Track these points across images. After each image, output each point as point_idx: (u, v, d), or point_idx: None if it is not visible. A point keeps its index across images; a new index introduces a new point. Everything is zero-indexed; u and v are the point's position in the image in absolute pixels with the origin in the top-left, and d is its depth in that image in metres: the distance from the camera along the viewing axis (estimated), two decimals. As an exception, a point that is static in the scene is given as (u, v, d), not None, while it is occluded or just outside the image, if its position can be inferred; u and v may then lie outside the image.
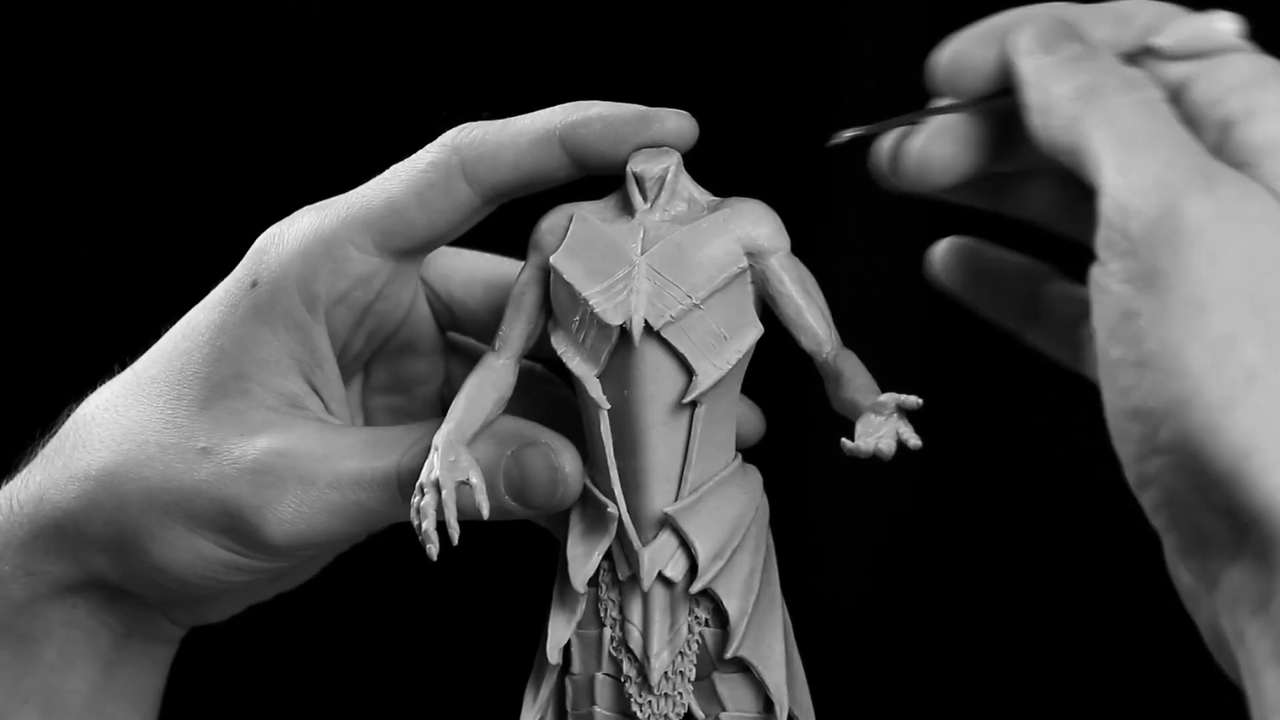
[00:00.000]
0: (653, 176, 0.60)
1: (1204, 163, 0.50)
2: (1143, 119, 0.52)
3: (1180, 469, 0.49)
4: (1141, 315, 0.49)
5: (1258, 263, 0.49)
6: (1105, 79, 0.53)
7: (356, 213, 0.61)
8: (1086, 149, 0.52)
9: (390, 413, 0.67)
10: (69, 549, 0.63)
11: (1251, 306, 0.49)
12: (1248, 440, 0.48)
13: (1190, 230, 0.49)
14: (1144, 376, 0.49)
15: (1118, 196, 0.50)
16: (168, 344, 0.63)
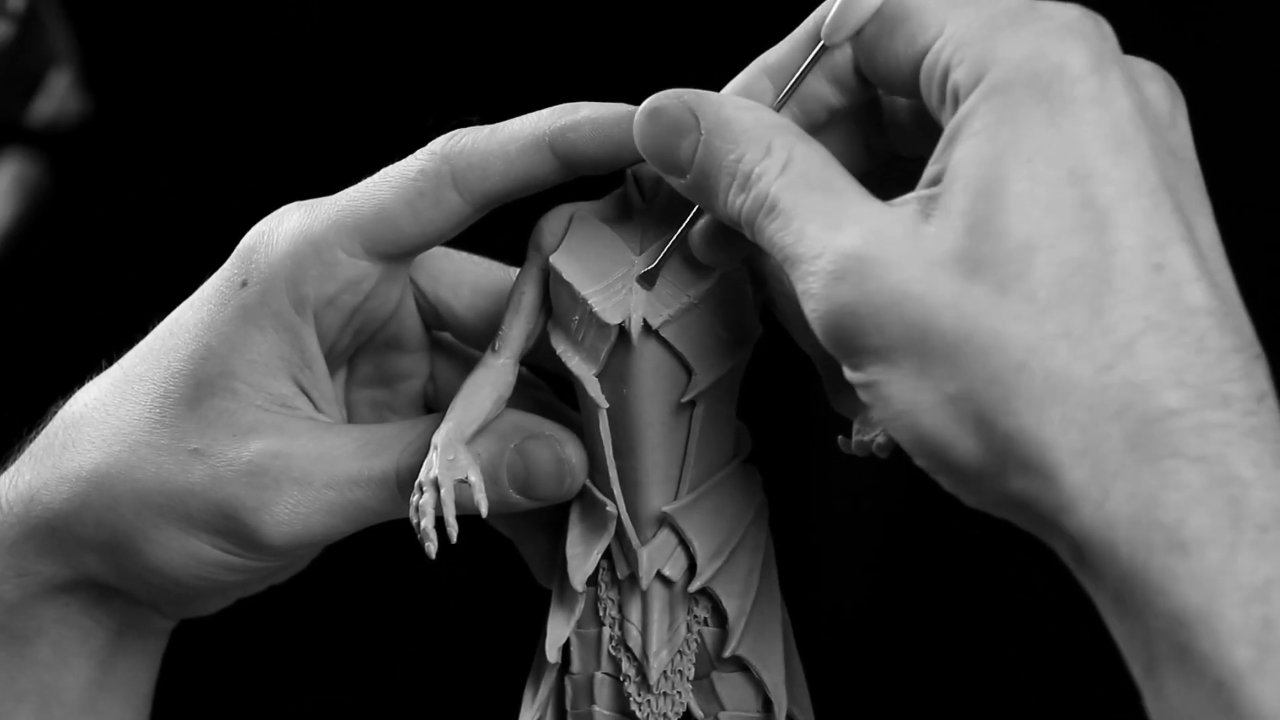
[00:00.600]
0: (652, 176, 0.60)
1: (835, 223, 0.51)
2: (790, 202, 0.52)
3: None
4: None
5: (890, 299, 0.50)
6: (738, 182, 0.53)
7: (346, 217, 0.61)
8: (775, 256, 0.53)
9: (373, 407, 0.66)
10: (61, 550, 0.63)
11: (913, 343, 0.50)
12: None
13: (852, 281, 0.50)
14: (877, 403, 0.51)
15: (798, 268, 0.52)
16: (155, 340, 0.63)
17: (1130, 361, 0.47)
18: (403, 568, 0.96)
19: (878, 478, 0.97)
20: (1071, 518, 0.48)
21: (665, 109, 0.55)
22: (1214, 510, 0.46)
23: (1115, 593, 0.47)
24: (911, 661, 1.00)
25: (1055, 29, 0.50)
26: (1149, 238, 0.48)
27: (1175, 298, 0.48)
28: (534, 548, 0.64)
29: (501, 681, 0.67)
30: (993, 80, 0.50)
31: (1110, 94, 0.50)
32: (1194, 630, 0.46)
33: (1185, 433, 0.47)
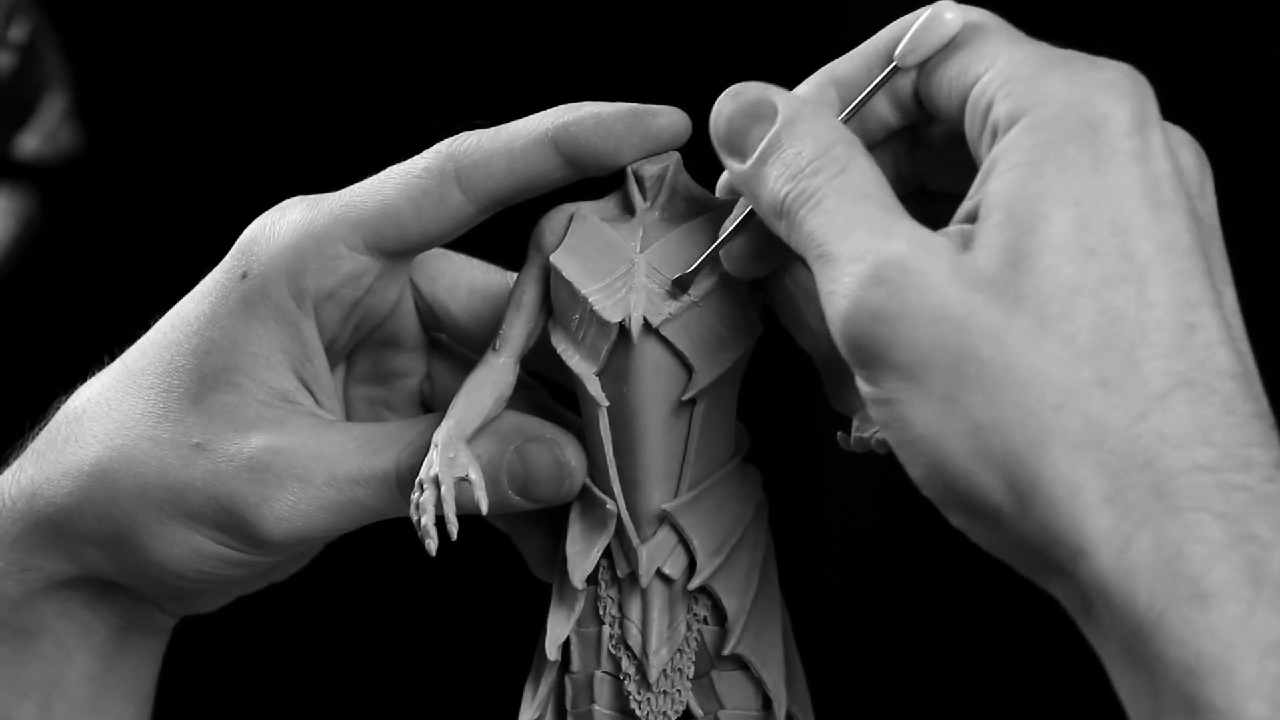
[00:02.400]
0: (652, 175, 0.60)
1: (881, 238, 0.51)
2: (838, 203, 0.52)
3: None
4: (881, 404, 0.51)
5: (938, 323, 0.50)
6: (791, 172, 0.54)
7: (349, 212, 0.61)
8: (808, 252, 0.53)
9: (370, 404, 0.67)
10: (63, 545, 0.63)
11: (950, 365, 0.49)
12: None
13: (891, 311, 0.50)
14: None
15: (831, 291, 0.52)
16: (156, 335, 0.63)
17: (1162, 414, 0.48)
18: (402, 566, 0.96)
19: (878, 477, 0.97)
20: (1089, 562, 0.48)
21: (749, 94, 0.56)
22: (1235, 566, 0.46)
23: (1125, 643, 0.47)
24: (911, 660, 1.00)
25: (1105, 81, 0.51)
26: (1183, 298, 0.49)
27: (1206, 358, 0.48)
28: (532, 544, 0.64)
29: (501, 679, 0.67)
30: (1037, 117, 0.50)
31: (1152, 154, 0.50)
32: (1207, 682, 0.46)
33: (1210, 489, 0.47)
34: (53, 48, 1.10)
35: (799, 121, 0.54)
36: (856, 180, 0.53)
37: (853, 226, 0.51)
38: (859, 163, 0.53)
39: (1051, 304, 0.49)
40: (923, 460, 0.50)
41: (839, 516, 0.98)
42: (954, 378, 0.49)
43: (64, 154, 1.10)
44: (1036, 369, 0.48)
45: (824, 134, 0.54)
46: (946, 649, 1.00)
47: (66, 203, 1.10)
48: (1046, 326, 0.49)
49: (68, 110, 1.10)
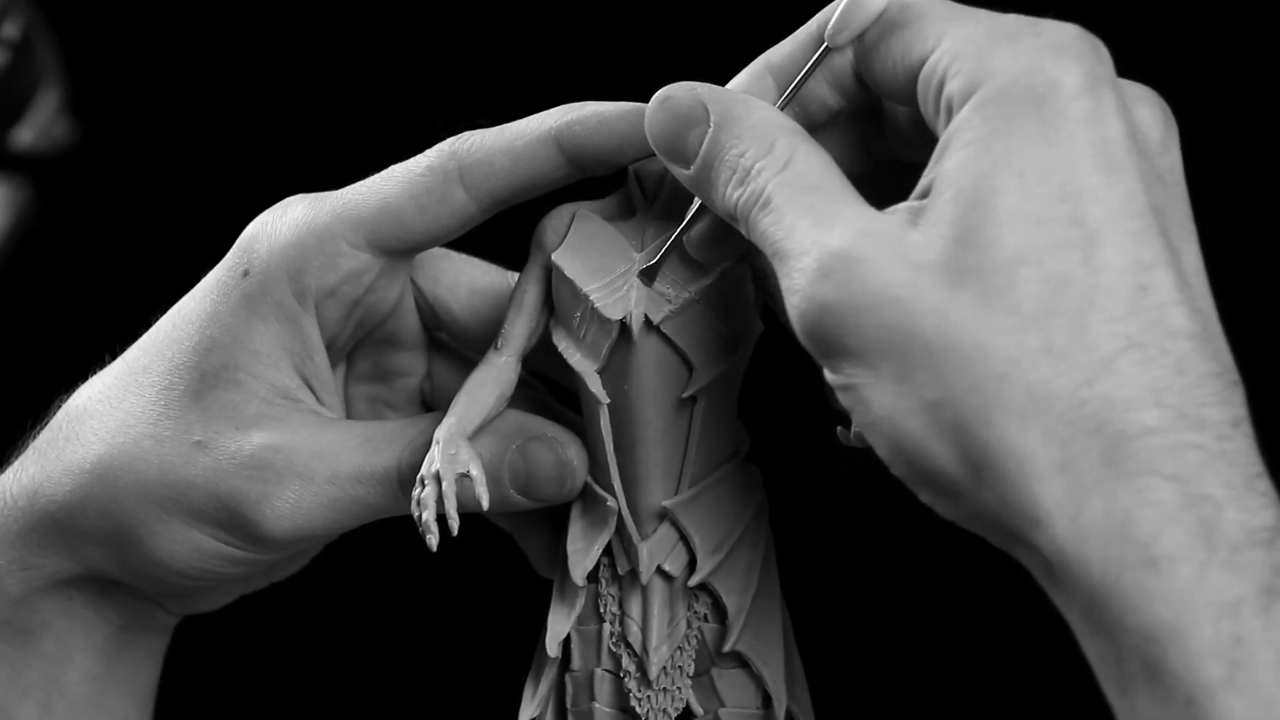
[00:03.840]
0: (654, 175, 0.60)
1: (824, 225, 0.51)
2: (785, 199, 0.52)
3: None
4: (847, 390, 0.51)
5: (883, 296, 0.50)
6: (738, 176, 0.54)
7: (351, 210, 0.61)
8: (766, 251, 0.53)
9: (370, 402, 0.67)
10: (65, 543, 0.63)
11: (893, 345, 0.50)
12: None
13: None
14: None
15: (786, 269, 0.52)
16: (158, 333, 0.63)
17: (1110, 379, 0.48)
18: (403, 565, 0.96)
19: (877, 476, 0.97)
20: (1045, 532, 0.48)
21: (677, 99, 0.56)
22: (1187, 528, 0.46)
23: (1085, 609, 0.47)
24: (911, 659, 1.00)
25: (1052, 46, 0.51)
26: (1135, 259, 0.49)
27: (1158, 319, 0.48)
28: (534, 542, 0.64)
29: (502, 677, 0.67)
30: (987, 93, 0.50)
31: (1103, 115, 0.50)
32: (1165, 647, 0.46)
33: (1161, 451, 0.47)
34: (47, 42, 1.10)
35: (733, 120, 0.55)
36: (801, 170, 0.53)
37: (797, 221, 0.52)
38: (801, 152, 0.53)
39: (996, 276, 0.49)
40: (884, 440, 0.51)
41: (839, 516, 0.99)
42: (903, 358, 0.50)
43: (58, 149, 1.10)
44: (980, 341, 0.49)
45: (762, 129, 0.54)
46: (946, 648, 1.00)
47: (61, 198, 1.10)
48: (990, 298, 0.49)
49: (62, 105, 1.10)
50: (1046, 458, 0.48)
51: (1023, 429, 0.48)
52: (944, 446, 0.49)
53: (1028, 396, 0.48)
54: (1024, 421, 0.48)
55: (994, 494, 0.49)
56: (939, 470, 0.50)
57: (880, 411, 0.50)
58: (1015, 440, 0.48)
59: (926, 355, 0.49)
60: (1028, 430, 0.48)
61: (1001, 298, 0.49)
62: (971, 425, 0.49)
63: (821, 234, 0.51)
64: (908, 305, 0.49)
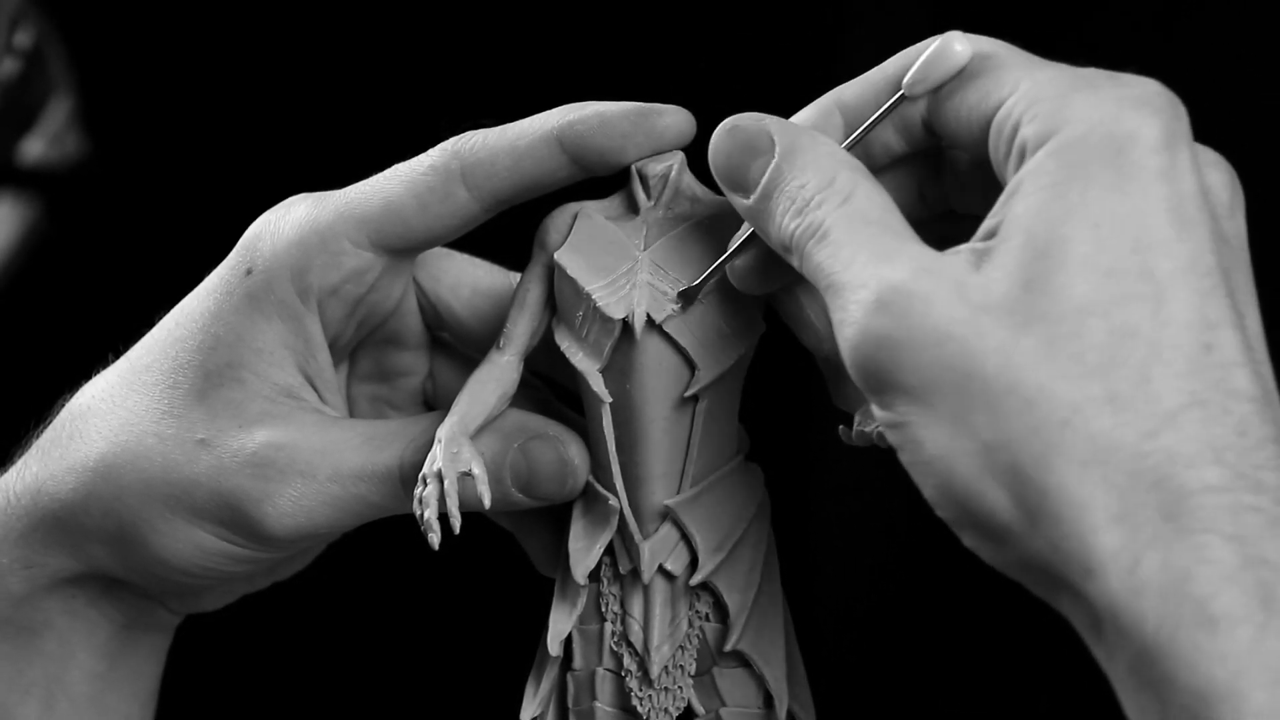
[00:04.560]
0: (656, 174, 0.60)
1: (885, 262, 0.51)
2: (843, 233, 0.52)
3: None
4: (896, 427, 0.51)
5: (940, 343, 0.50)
6: (796, 206, 0.54)
7: (354, 209, 0.61)
8: (818, 283, 0.53)
9: (372, 401, 0.67)
10: (68, 541, 0.63)
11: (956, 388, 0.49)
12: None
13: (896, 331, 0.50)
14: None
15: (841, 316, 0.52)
16: (161, 332, 0.63)
17: (1173, 433, 0.47)
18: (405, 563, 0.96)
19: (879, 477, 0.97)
20: (1098, 582, 0.47)
21: (744, 128, 0.56)
22: (1246, 590, 0.46)
23: (1133, 664, 0.47)
24: (912, 659, 1.00)
25: (1133, 98, 0.50)
26: (1202, 317, 0.49)
27: (1221, 379, 0.48)
28: (536, 541, 0.64)
29: (503, 676, 0.67)
30: (1063, 139, 0.50)
31: (1179, 171, 0.50)
32: (1217, 708, 0.45)
33: (1221, 510, 0.47)
34: (58, 53, 1.11)
35: (798, 152, 0.55)
36: (862, 207, 0.53)
37: (856, 253, 0.51)
38: (863, 189, 0.53)
39: (1063, 323, 0.48)
40: (935, 481, 0.50)
41: (840, 515, 0.98)
42: (960, 398, 0.49)
43: (69, 160, 1.11)
44: (1042, 385, 0.48)
45: (825, 163, 0.54)
46: (947, 648, 1.00)
47: (71, 208, 1.10)
48: (1055, 345, 0.48)
49: (73, 116, 1.11)
50: (1105, 507, 0.47)
51: (1082, 477, 0.47)
52: (998, 490, 0.49)
53: (1090, 444, 0.48)
54: (1084, 469, 0.47)
55: (1047, 541, 0.48)
56: (991, 513, 0.49)
57: (933, 451, 0.50)
58: (1074, 488, 0.47)
59: (986, 396, 0.49)
60: (1087, 478, 0.47)
61: (1067, 345, 0.48)
62: (1029, 469, 0.48)
63: (881, 267, 0.51)
64: (969, 344, 0.49)
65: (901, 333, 0.50)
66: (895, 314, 0.50)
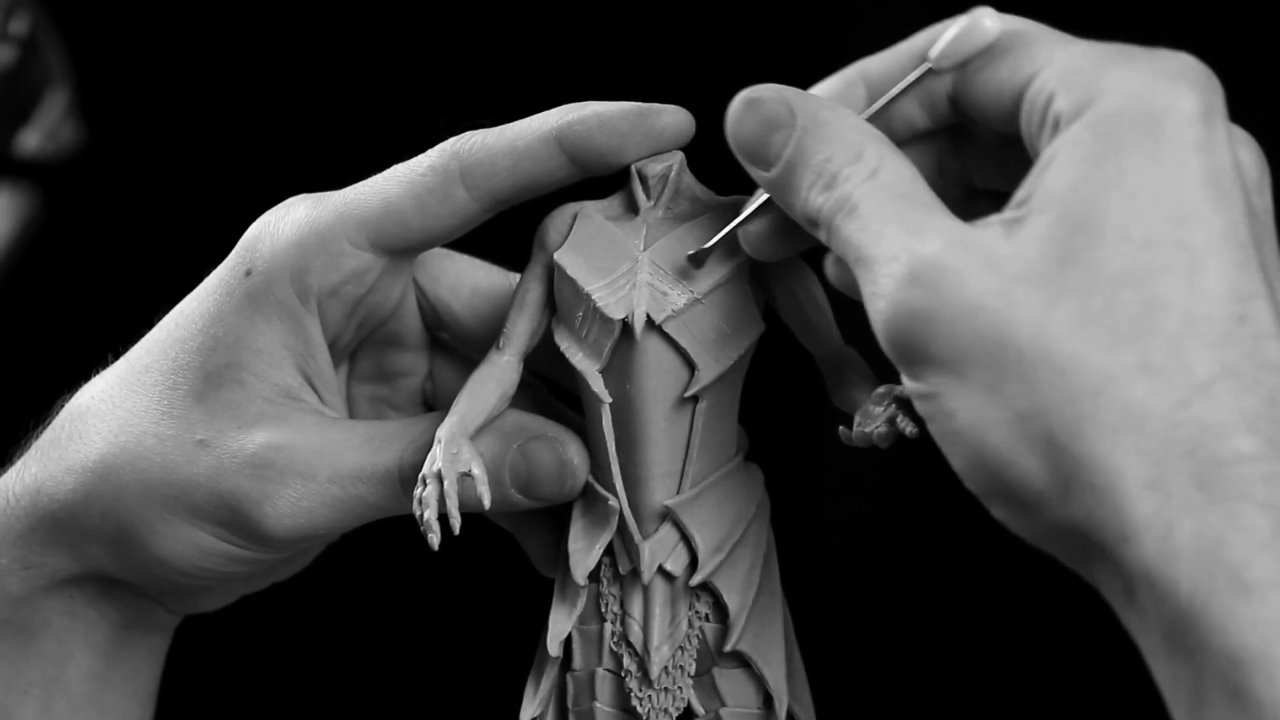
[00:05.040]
0: (656, 174, 0.60)
1: (917, 234, 0.51)
2: (872, 207, 0.52)
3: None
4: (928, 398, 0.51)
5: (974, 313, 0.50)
6: (823, 181, 0.54)
7: (353, 210, 0.61)
8: (847, 257, 0.53)
9: (372, 402, 0.67)
10: (67, 541, 0.63)
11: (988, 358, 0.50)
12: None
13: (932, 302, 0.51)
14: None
15: (878, 290, 0.52)
16: (161, 333, 0.63)
17: (1206, 403, 0.48)
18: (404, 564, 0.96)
19: (880, 476, 0.97)
20: (1133, 548, 0.47)
21: (764, 100, 0.55)
22: (1279, 557, 0.46)
23: (1168, 630, 0.47)
24: (912, 659, 1.00)
25: (1169, 71, 0.51)
26: (1235, 288, 0.49)
27: (1254, 350, 0.48)
28: (535, 541, 0.64)
29: (503, 677, 0.67)
30: (1099, 110, 0.50)
31: (1215, 145, 0.50)
32: (1250, 672, 0.46)
33: (1255, 479, 0.47)
34: (54, 43, 1.10)
35: (821, 125, 0.54)
36: (889, 180, 0.53)
37: (886, 227, 0.52)
38: (889, 161, 0.53)
39: (1097, 294, 0.49)
40: (965, 451, 0.50)
41: (840, 516, 0.99)
42: (994, 368, 0.49)
43: (65, 151, 1.10)
44: (1076, 354, 0.48)
45: (851, 136, 0.54)
46: (947, 648, 1.00)
47: (68, 200, 1.10)
48: (1089, 315, 0.49)
49: (69, 106, 1.10)
50: (1139, 475, 0.47)
51: (1116, 445, 0.48)
52: (1032, 458, 0.49)
53: (1123, 413, 0.48)
54: (1117, 437, 0.48)
55: (1081, 508, 0.48)
56: (1024, 482, 0.49)
57: (965, 421, 0.50)
58: (1108, 456, 0.48)
59: (1019, 366, 0.49)
60: (1121, 446, 0.48)
61: (1101, 316, 0.49)
62: (1062, 438, 0.48)
63: (912, 240, 0.51)
64: (1002, 314, 0.49)
65: (934, 305, 0.50)
66: (928, 287, 0.50)
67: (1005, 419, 0.49)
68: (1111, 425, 0.48)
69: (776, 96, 0.55)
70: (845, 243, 0.53)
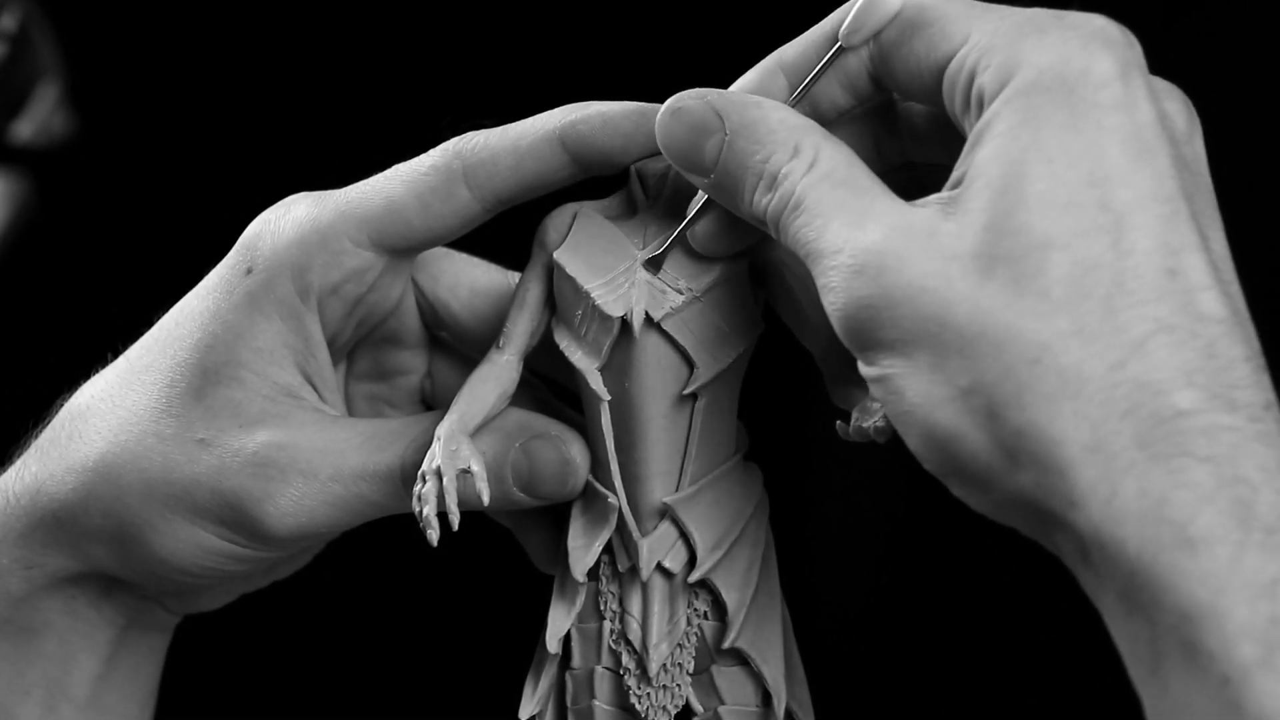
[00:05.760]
0: (656, 174, 0.60)
1: (859, 220, 0.52)
2: (815, 199, 0.53)
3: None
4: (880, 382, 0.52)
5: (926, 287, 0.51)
6: (765, 182, 0.54)
7: (355, 208, 0.61)
8: (798, 252, 0.53)
9: (371, 400, 0.67)
10: (67, 541, 0.63)
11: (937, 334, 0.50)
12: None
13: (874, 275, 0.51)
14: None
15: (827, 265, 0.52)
16: (160, 331, 0.63)
17: (1141, 361, 0.48)
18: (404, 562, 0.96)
19: (878, 475, 0.97)
20: (1080, 513, 0.48)
21: (689, 109, 0.56)
22: (1222, 510, 0.47)
23: (1121, 590, 0.48)
24: (911, 658, 1.00)
25: (1082, 36, 0.51)
26: (1164, 243, 0.49)
27: (1187, 303, 0.49)
28: (534, 538, 0.65)
29: (502, 675, 0.67)
30: (1018, 84, 0.51)
31: (1133, 101, 0.51)
32: (1201, 626, 0.46)
33: (1194, 433, 0.47)
34: (45, 35, 1.10)
35: (750, 125, 0.55)
36: (827, 169, 0.53)
37: (829, 221, 0.52)
38: (826, 150, 0.54)
39: (1026, 262, 0.49)
40: (917, 430, 0.51)
41: (839, 514, 0.99)
42: (936, 347, 0.50)
43: (57, 142, 1.10)
44: (1011, 326, 0.49)
45: (781, 132, 0.54)
46: (946, 647, 1.00)
47: (60, 191, 1.10)
48: (1021, 284, 0.49)
49: (61, 98, 1.10)
50: (1079, 440, 0.48)
51: (1055, 412, 0.48)
52: (977, 433, 0.50)
53: (1059, 380, 0.48)
54: (1056, 405, 0.48)
55: (1028, 478, 0.49)
56: (972, 457, 0.50)
57: (914, 400, 0.51)
58: (1048, 424, 0.48)
59: (959, 343, 0.50)
60: (1060, 413, 0.48)
61: (1032, 283, 0.49)
62: (1004, 410, 0.49)
63: (854, 232, 0.52)
64: (940, 294, 0.50)
65: (879, 292, 0.51)
66: (872, 275, 0.51)
67: (949, 396, 0.50)
68: (1049, 393, 0.48)
69: (701, 103, 0.56)
70: (794, 240, 0.53)
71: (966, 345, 0.50)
